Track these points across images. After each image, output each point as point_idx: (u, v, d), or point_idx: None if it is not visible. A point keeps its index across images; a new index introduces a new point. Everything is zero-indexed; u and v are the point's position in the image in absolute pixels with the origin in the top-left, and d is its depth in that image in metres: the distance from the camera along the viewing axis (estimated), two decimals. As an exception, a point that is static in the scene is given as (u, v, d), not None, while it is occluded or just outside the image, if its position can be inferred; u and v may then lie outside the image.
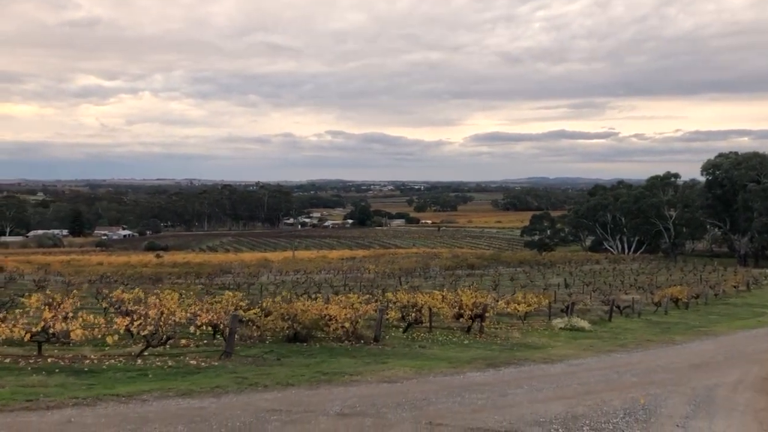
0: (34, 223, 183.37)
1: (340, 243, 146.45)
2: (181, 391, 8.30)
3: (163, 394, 8.03)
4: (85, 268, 69.99)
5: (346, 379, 9.42)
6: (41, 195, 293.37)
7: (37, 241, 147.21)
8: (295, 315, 15.83)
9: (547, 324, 23.86)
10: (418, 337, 18.11)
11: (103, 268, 73.83)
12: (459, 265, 77.32)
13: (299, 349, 15.08)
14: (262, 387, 8.77)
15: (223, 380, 9.44)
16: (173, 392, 8.19)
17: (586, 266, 78.64)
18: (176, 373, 11.61)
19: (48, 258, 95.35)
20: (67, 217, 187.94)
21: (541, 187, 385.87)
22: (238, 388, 8.66)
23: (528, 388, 9.40)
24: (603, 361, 13.14)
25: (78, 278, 52.59)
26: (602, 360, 13.27)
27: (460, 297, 19.36)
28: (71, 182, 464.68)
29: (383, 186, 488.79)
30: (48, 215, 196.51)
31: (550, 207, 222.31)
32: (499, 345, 17.71)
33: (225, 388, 8.58)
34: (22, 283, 44.26)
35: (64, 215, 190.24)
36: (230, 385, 8.84)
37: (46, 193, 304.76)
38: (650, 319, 28.47)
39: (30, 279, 49.05)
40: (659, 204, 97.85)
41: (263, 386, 8.82)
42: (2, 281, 44.24)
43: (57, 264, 76.77)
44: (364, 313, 16.68)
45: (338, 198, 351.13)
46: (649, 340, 18.91)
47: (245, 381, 9.26)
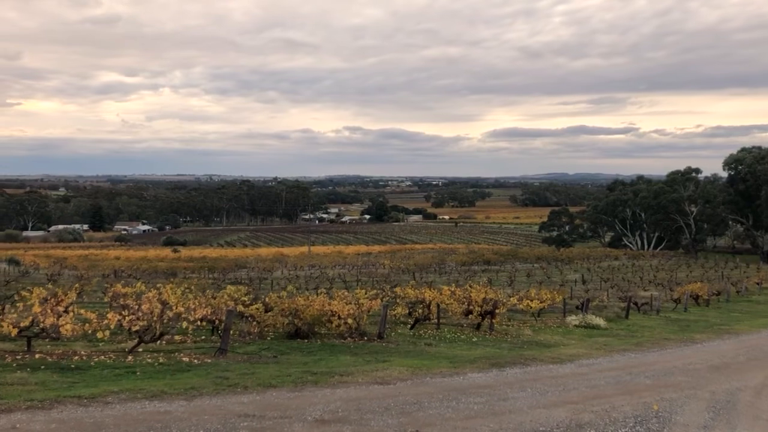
0: (55, 218, 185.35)
1: (357, 238, 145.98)
2: (151, 392, 7.74)
3: (131, 396, 7.48)
4: (101, 262, 70.20)
5: (336, 380, 8.81)
6: (63, 190, 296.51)
7: (57, 235, 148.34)
8: (296, 311, 15.27)
9: (561, 321, 23.11)
10: (425, 334, 17.49)
11: (119, 262, 74.11)
12: (475, 260, 76.39)
13: (299, 345, 14.54)
14: (242, 388, 8.18)
15: (203, 380, 8.87)
16: (143, 394, 7.63)
17: (604, 262, 77.36)
18: (165, 371, 11.12)
19: (66, 252, 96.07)
20: (87, 212, 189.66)
21: (561, 182, 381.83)
22: (215, 389, 8.09)
23: (532, 391, 8.73)
24: (616, 361, 12.40)
25: (92, 272, 52.56)
26: (615, 360, 12.53)
27: (470, 293, 18.67)
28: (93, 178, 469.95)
29: (401, 182, 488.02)
30: (69, 210, 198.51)
31: (569, 203, 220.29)
32: (508, 343, 17.03)
33: (200, 390, 8.00)
34: (35, 277, 44.29)
35: (85, 210, 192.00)
36: (208, 386, 8.27)
37: (68, 189, 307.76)
38: (669, 316, 27.56)
39: (44, 273, 49.11)
40: (680, 199, 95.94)
41: (243, 387, 8.23)
42: (15, 275, 44.26)
43: (74, 258, 77.06)
44: (369, 309, 16.07)
45: (356, 193, 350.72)
46: (666, 339, 18.06)
47: (225, 381, 8.69)
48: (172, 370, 11.17)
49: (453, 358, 13.24)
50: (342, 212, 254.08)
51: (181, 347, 14.13)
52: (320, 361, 12.50)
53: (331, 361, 12.49)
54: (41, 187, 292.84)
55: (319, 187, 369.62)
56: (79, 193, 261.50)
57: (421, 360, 12.39)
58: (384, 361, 12.66)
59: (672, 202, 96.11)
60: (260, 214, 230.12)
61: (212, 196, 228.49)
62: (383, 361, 12.71)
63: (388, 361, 12.66)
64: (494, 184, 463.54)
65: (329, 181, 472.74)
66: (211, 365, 11.65)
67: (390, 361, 12.60)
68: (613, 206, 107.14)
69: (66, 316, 13.04)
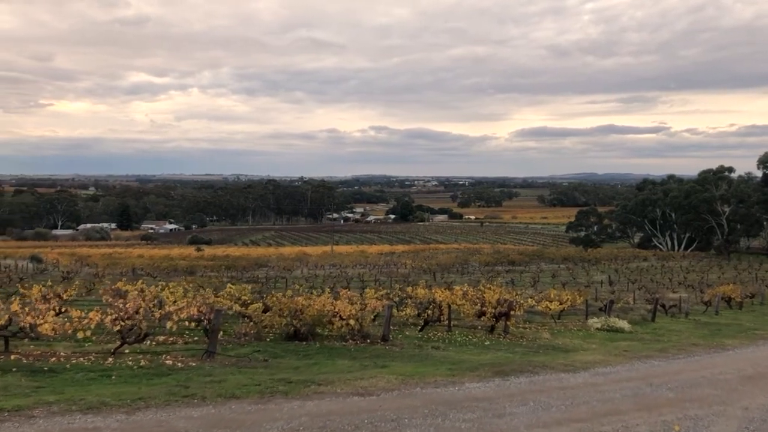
0: (84, 217, 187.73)
1: (381, 238, 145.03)
2: (89, 404, 6.86)
3: (63, 409, 6.62)
4: (123, 260, 70.30)
5: (311, 390, 7.86)
6: (93, 190, 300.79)
7: (85, 234, 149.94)
8: (295, 311, 14.38)
9: (582, 324, 21.88)
10: (434, 337, 16.48)
11: (142, 260, 74.17)
12: (499, 261, 74.94)
13: (296, 348, 13.64)
14: (199, 399, 7.28)
15: (159, 389, 7.98)
16: (80, 405, 6.76)
17: (633, 263, 75.27)
18: (142, 375, 10.30)
19: (92, 251, 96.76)
20: (115, 211, 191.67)
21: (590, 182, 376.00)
22: (167, 400, 7.19)
23: (534, 406, 7.68)
24: (636, 369, 11.24)
25: (111, 270, 52.53)
26: (635, 368, 11.36)
27: (483, 293, 17.60)
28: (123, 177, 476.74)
29: (427, 181, 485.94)
30: (98, 209, 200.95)
31: (598, 203, 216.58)
32: (523, 347, 15.94)
33: (149, 401, 7.11)
34: (53, 274, 44.22)
35: (113, 209, 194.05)
36: (160, 396, 7.37)
37: (98, 188, 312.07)
38: (698, 319, 26.09)
39: (62, 270, 49.08)
40: (712, 199, 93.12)
41: (201, 398, 7.33)
42: (33, 271, 44.26)
43: (97, 256, 77.40)
44: (374, 310, 15.11)
45: (381, 193, 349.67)
46: (694, 345, 16.72)
47: (183, 391, 7.78)
48: (150, 374, 10.35)
49: (458, 363, 12.22)
50: (367, 212, 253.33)
51: (170, 348, 13.34)
52: (313, 366, 11.58)
53: (325, 366, 11.57)
54: (72, 187, 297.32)
55: (345, 187, 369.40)
56: (108, 193, 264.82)
57: (423, 366, 11.40)
58: (383, 366, 11.70)
59: (704, 201, 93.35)
60: (286, 213, 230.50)
61: (238, 196, 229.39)
62: (382, 366, 11.75)
63: (387, 366, 11.70)
64: (522, 184, 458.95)
65: (355, 181, 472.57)
66: (193, 369, 10.81)
67: (388, 367, 11.64)
68: (642, 206, 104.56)
69: (47, 315, 12.37)
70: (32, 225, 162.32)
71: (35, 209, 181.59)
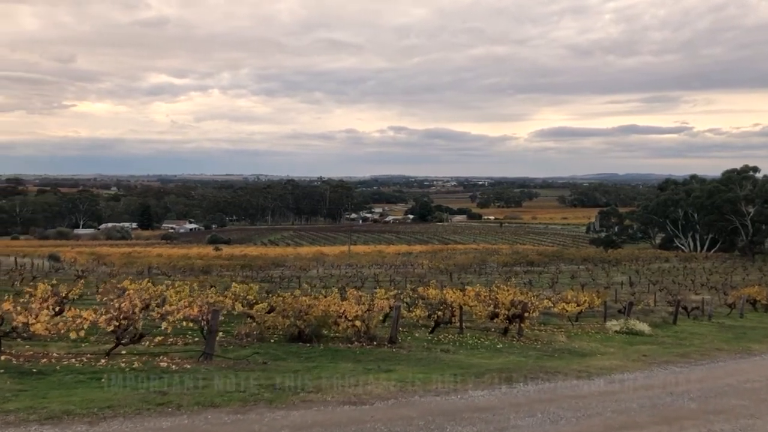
0: (105, 217, 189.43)
1: (399, 238, 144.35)
2: (51, 413, 6.37)
3: (20, 418, 6.11)
4: (141, 259, 70.43)
5: (298, 398, 7.29)
6: (114, 189, 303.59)
7: (106, 233, 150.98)
8: (299, 311, 13.85)
9: (600, 326, 21.11)
10: (445, 339, 15.87)
11: (159, 259, 74.28)
12: (518, 261, 73.95)
13: (299, 350, 13.11)
14: (174, 407, 6.75)
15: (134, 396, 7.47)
16: (38, 415, 6.25)
17: (654, 264, 73.82)
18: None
19: (111, 249, 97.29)
20: (136, 210, 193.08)
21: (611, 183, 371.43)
22: (138, 409, 6.67)
23: (541, 418, 7.05)
24: (655, 376, 10.53)
25: (127, 269, 52.54)
26: (654, 375, 10.64)
27: (496, 294, 16.95)
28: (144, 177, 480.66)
29: (446, 182, 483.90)
30: (119, 209, 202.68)
31: (619, 203, 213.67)
32: (537, 350, 15.28)
33: (118, 410, 6.59)
34: (67, 273, 44.19)
35: (134, 209, 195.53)
36: (132, 404, 6.85)
37: (119, 188, 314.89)
38: (722, 322, 25.15)
39: (76, 269, 49.12)
40: (736, 199, 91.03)
41: (176, 406, 6.79)
42: (48, 270, 44.36)
43: (116, 255, 77.72)
44: (380, 310, 14.54)
45: (400, 193, 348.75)
46: (718, 349, 15.90)
47: (158, 398, 7.24)
48: (143, 377, 9.88)
49: (467, 368, 11.61)
50: (386, 212, 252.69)
51: (168, 350, 12.88)
52: (314, 369, 11.04)
53: (326, 370, 11.03)
54: (94, 187, 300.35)
55: (364, 187, 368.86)
56: (129, 192, 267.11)
57: (428, 370, 10.82)
58: (387, 370, 11.14)
59: (727, 201, 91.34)
60: (304, 213, 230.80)
61: (258, 196, 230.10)
62: (386, 370, 11.19)
63: (391, 370, 11.14)
64: (542, 184, 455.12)
65: (374, 181, 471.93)
66: (186, 372, 10.32)
67: (393, 371, 11.07)
68: (664, 206, 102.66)
69: (41, 314, 11.97)
70: (54, 224, 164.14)
71: (57, 209, 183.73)
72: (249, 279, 44.64)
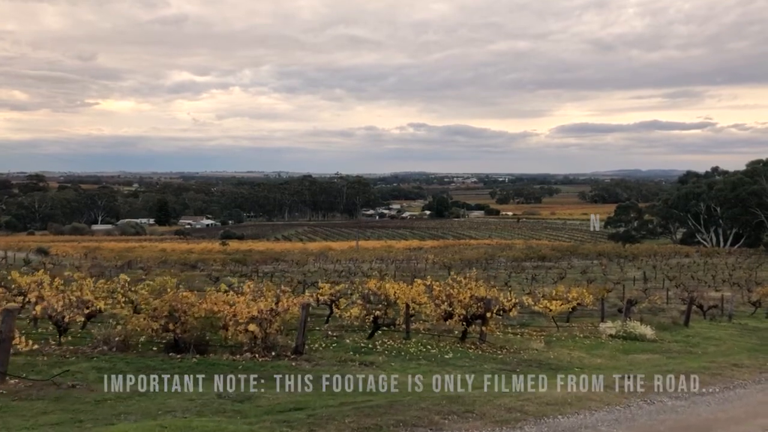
0: (123, 213, 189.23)
1: (413, 233, 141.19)
2: None
3: None
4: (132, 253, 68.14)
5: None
6: (136, 186, 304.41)
7: (121, 229, 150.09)
8: (173, 311, 10.63)
9: (593, 328, 17.55)
10: (381, 347, 12.65)
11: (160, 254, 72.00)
12: (530, 256, 70.36)
13: (161, 364, 9.86)
14: None
15: None
16: None
17: (673, 260, 69.61)
18: None
19: (120, 245, 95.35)
20: (154, 206, 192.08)
21: (633, 179, 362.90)
22: None
23: None
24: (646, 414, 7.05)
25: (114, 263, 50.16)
26: (635, 418, 7.15)
27: (450, 289, 13.58)
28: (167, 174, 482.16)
29: (466, 178, 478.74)
30: (137, 205, 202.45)
31: (641, 199, 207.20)
32: (496, 362, 12.02)
33: None
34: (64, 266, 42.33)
35: (152, 205, 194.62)
36: None
37: (141, 185, 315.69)
38: (745, 324, 21.48)
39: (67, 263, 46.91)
40: (761, 191, 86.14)
41: None
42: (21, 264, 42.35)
43: (113, 250, 75.69)
44: (286, 311, 11.26)
45: (419, 190, 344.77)
46: (736, 365, 11.86)
47: None
48: None
49: (367, 394, 8.38)
50: (403, 208, 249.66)
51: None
52: (134, 398, 7.90)
53: (154, 399, 7.87)
54: (117, 183, 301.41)
55: (384, 184, 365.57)
56: (149, 189, 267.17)
57: (296, 407, 7.58)
58: (242, 400, 7.96)
59: (752, 194, 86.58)
60: (321, 209, 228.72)
61: (275, 191, 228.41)
62: (242, 400, 8.00)
63: (249, 400, 7.95)
64: (563, 180, 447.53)
65: (394, 178, 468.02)
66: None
67: (250, 400, 7.86)
68: (685, 200, 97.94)
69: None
70: (73, 220, 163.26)
71: (76, 205, 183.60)
72: (232, 273, 41.77)
